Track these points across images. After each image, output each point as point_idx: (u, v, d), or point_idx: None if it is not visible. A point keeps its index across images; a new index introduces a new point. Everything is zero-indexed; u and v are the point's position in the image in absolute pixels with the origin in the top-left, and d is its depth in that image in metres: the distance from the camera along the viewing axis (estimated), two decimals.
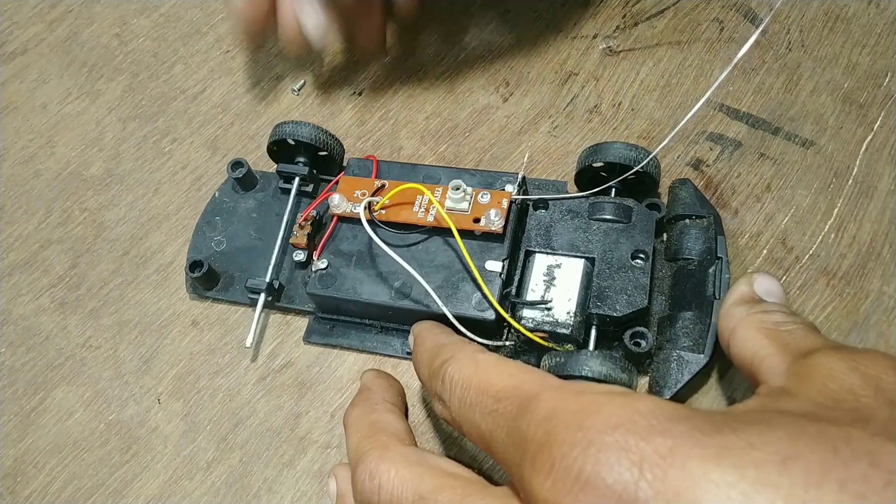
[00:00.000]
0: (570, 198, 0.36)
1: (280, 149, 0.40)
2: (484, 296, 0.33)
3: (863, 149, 0.39)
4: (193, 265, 0.38)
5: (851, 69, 0.41)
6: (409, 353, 0.35)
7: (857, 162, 0.39)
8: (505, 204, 0.35)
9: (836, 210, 0.38)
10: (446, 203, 0.35)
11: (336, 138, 0.40)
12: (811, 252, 0.37)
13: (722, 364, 0.34)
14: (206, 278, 0.38)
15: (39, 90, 0.47)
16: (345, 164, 0.41)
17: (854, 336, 0.35)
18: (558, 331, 0.33)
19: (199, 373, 0.38)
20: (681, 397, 0.33)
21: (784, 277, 0.36)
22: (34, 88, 0.47)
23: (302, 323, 0.38)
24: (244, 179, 0.41)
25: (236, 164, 0.40)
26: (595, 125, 0.42)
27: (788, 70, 0.42)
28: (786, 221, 0.38)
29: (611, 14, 0.45)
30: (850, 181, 0.38)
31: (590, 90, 0.43)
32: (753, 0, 0.44)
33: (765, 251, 0.37)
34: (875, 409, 0.21)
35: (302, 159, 0.40)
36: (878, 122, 0.40)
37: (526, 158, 0.38)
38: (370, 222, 0.34)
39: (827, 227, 0.37)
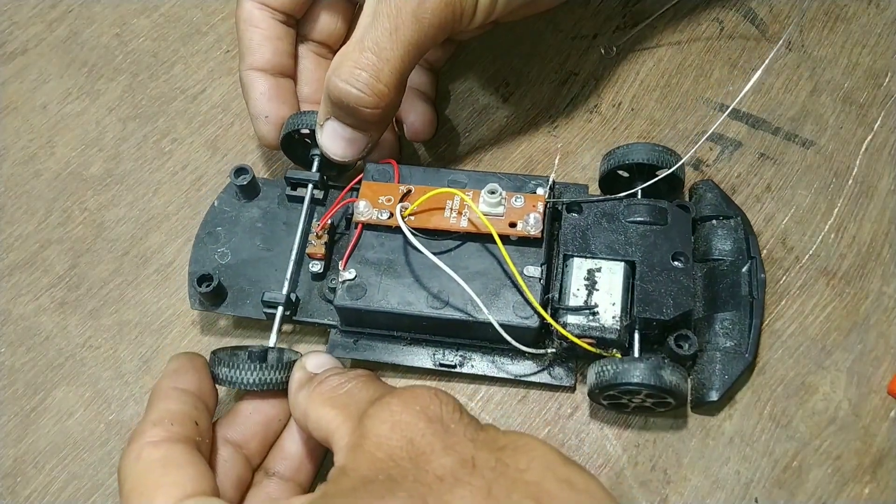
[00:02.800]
0: (605, 200, 0.35)
1: (293, 141, 0.39)
2: (528, 302, 0.32)
3: (863, 149, 0.39)
4: (201, 279, 0.35)
5: (851, 69, 0.41)
6: (441, 365, 0.35)
7: (857, 162, 0.39)
8: (540, 208, 0.34)
9: (836, 210, 0.38)
10: (480, 207, 0.34)
11: None
12: (811, 252, 0.37)
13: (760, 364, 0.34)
14: (214, 293, 0.36)
15: (39, 90, 0.47)
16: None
17: (854, 336, 0.35)
18: (605, 336, 0.32)
19: None
20: (727, 397, 0.33)
21: (784, 277, 0.36)
22: (34, 88, 0.47)
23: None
24: (248, 187, 0.38)
25: (240, 171, 0.38)
26: (595, 125, 0.42)
27: (788, 70, 0.42)
28: (786, 221, 0.38)
29: (611, 14, 0.45)
30: (850, 181, 0.38)
31: (590, 90, 0.43)
32: (753, 0, 0.44)
33: (765, 251, 0.37)
34: (406, 471, 0.25)
35: (318, 152, 0.38)
36: (878, 122, 0.40)
37: (556, 161, 0.37)
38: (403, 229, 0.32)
39: (827, 227, 0.37)
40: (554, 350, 0.33)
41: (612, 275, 0.33)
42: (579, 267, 0.34)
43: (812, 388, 0.34)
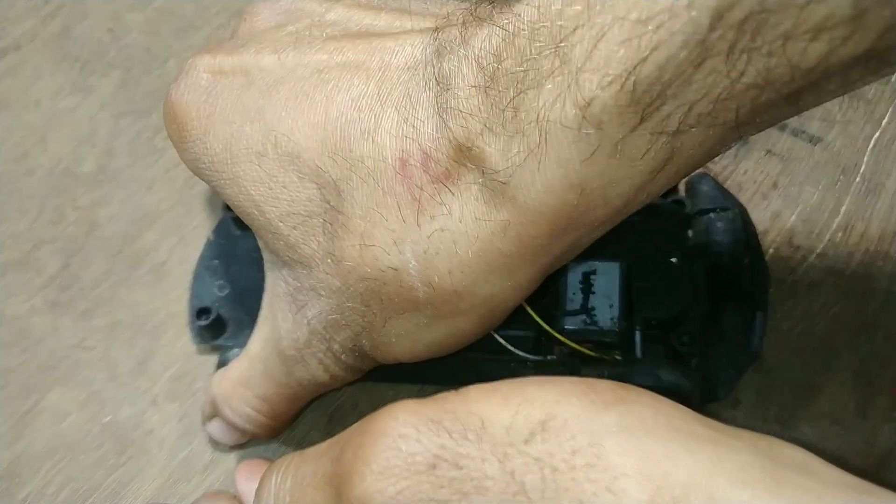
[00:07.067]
0: None
1: None
2: (523, 309, 0.31)
3: (871, 145, 0.39)
4: (200, 312, 0.36)
5: None
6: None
7: (865, 159, 0.38)
8: None
9: (843, 208, 0.37)
10: None
11: None
12: (818, 251, 0.36)
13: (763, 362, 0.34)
14: (214, 326, 0.36)
15: (32, 86, 0.47)
16: None
17: (862, 336, 0.34)
18: (605, 339, 0.32)
19: (196, 374, 0.37)
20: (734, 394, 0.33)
21: (791, 276, 0.36)
22: (27, 85, 0.47)
23: None
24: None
25: None
26: None
27: None
28: (793, 219, 0.37)
29: None
30: (858, 178, 0.38)
31: None
32: None
33: (771, 250, 0.36)
34: None
35: None
36: (887, 119, 0.39)
37: None
38: None
39: (835, 225, 0.37)
40: (555, 357, 0.33)
41: (607, 276, 0.33)
42: (574, 270, 0.33)
43: (818, 389, 0.33)
